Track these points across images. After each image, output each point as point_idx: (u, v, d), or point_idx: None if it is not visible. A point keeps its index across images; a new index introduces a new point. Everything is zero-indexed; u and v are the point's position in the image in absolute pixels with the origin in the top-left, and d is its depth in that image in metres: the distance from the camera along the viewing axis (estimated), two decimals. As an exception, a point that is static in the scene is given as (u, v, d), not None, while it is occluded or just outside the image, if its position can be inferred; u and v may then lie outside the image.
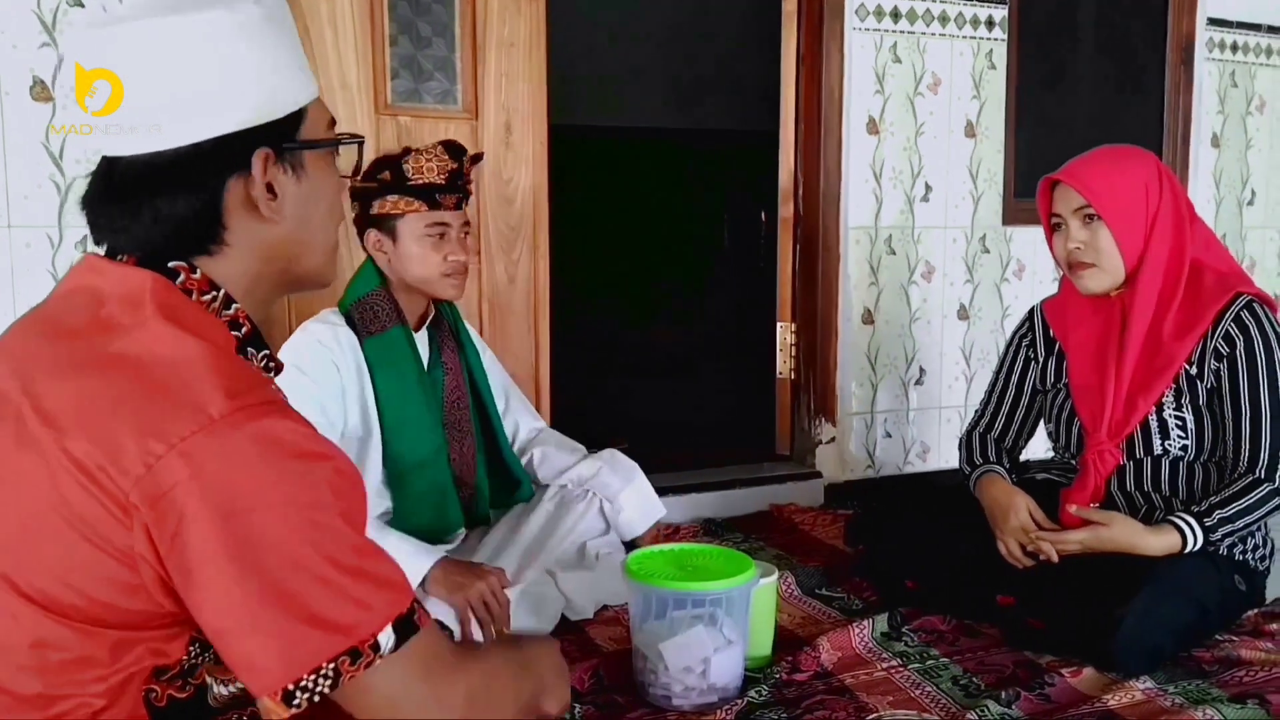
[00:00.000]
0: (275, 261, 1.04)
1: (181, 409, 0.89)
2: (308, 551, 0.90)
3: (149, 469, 0.87)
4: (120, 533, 0.89)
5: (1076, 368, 2.06)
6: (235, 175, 0.98)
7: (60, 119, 2.19)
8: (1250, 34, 3.58)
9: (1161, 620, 1.79)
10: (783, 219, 3.13)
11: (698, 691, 1.68)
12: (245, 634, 0.89)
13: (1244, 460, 1.89)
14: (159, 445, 0.87)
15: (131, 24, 0.95)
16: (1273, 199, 3.73)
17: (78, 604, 0.91)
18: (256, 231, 1.01)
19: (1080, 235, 1.96)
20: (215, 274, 1.00)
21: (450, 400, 2.10)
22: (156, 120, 0.96)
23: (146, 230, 0.98)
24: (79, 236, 2.23)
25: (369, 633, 0.91)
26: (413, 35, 2.57)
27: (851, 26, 2.98)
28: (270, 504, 0.89)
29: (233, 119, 0.97)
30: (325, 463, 0.94)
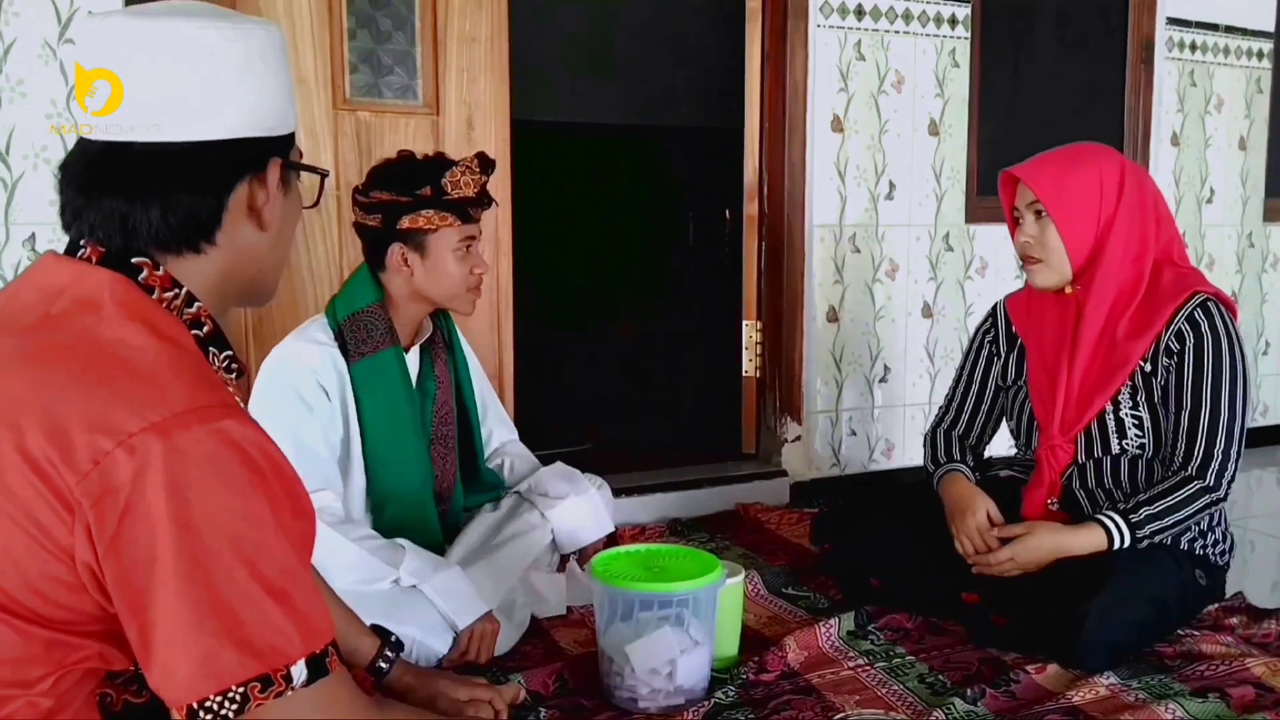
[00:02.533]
0: (247, 269, 1.06)
1: (132, 403, 0.88)
2: (241, 568, 0.89)
3: (95, 464, 0.86)
4: (61, 530, 0.88)
5: (1033, 364, 2.07)
6: (247, 178, 1.02)
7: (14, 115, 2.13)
8: (1209, 34, 3.63)
9: (1123, 617, 1.79)
10: (747, 217, 3.13)
11: (664, 693, 1.66)
12: (168, 640, 0.88)
13: (1179, 457, 1.90)
14: (107, 441, 0.86)
15: (171, 20, 0.98)
16: (1231, 197, 3.77)
17: (20, 599, 0.90)
18: (245, 236, 1.03)
19: (1031, 230, 1.97)
20: (180, 273, 1.00)
21: (439, 415, 2.05)
22: (183, 111, 0.97)
23: (143, 221, 0.97)
24: (27, 234, 2.17)
25: (283, 662, 0.91)
26: (372, 29, 2.54)
27: (816, 24, 2.97)
28: (212, 512, 0.88)
29: (257, 123, 1.01)
30: (275, 477, 0.93)
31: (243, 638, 0.89)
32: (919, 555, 2.06)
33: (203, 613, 0.88)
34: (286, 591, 0.91)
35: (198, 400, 0.90)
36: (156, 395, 0.89)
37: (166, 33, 0.97)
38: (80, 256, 0.98)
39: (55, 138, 2.17)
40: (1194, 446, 1.88)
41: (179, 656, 0.88)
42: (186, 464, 0.87)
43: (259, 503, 0.91)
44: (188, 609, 0.87)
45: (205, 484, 0.88)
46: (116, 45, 0.97)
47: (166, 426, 0.87)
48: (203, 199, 0.99)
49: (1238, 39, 3.68)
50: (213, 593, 0.88)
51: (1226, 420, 1.89)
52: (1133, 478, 1.97)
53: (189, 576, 0.87)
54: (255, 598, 0.90)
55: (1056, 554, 1.89)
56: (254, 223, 1.03)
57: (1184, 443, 1.89)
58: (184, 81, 0.97)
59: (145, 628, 0.88)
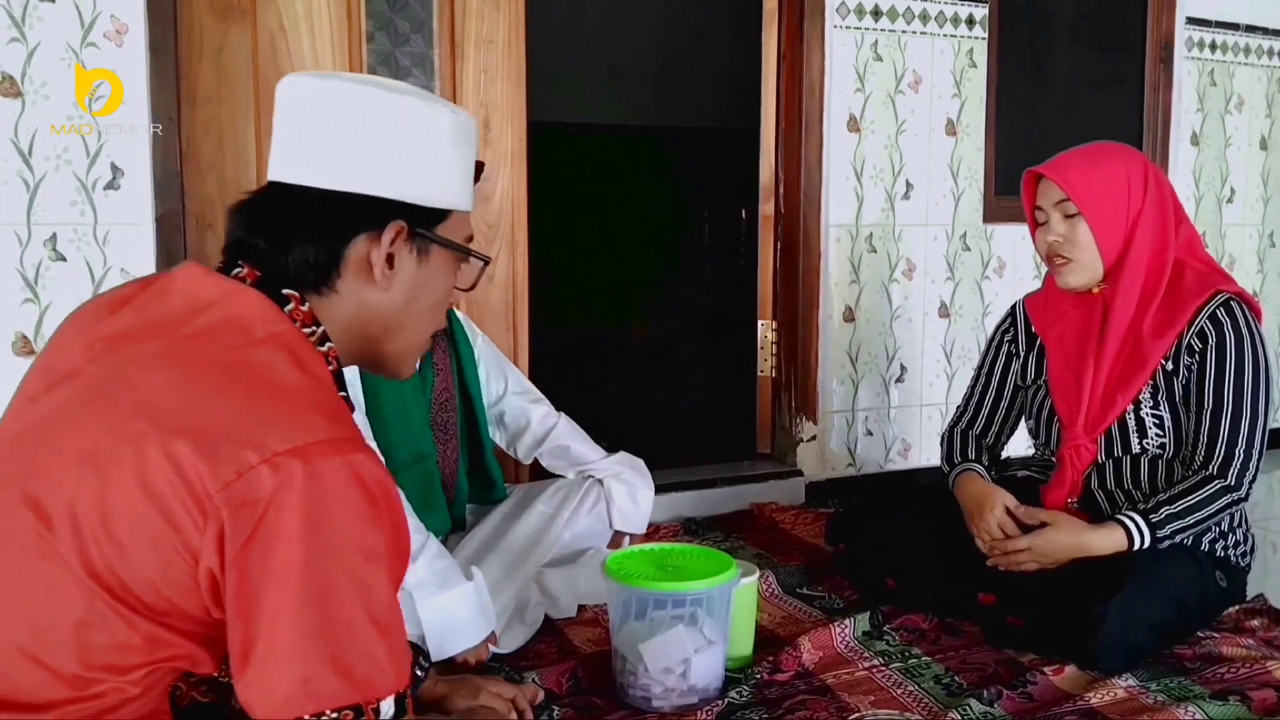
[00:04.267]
0: (369, 326, 1.10)
1: (278, 426, 0.92)
2: (357, 599, 0.93)
3: (239, 476, 0.89)
4: (192, 530, 0.91)
5: (1055, 363, 2.06)
6: (366, 233, 1.06)
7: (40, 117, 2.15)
8: (1229, 33, 3.60)
9: (1142, 618, 1.78)
10: (763, 217, 3.13)
11: (678, 692, 1.66)
12: (273, 655, 0.91)
13: (1200, 456, 1.89)
14: (253, 455, 0.90)
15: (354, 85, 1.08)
16: (1252, 197, 3.74)
17: (135, 590, 0.93)
18: (362, 293, 1.07)
19: (1060, 229, 1.95)
20: (319, 311, 1.06)
21: (439, 402, 2.08)
22: (326, 159, 1.05)
23: (274, 251, 1.04)
24: (48, 234, 2.20)
25: (376, 695, 0.94)
26: (390, 32, 2.55)
27: (832, 24, 2.97)
28: (339, 541, 0.92)
29: (386, 187, 1.06)
30: (391, 514, 0.96)
31: (345, 665, 0.92)
32: (935, 555, 2.06)
33: (313, 634, 0.91)
34: (389, 628, 0.95)
35: (335, 432, 0.94)
36: (301, 422, 0.93)
37: (359, 95, 1.06)
38: (235, 275, 1.04)
39: (76, 140, 2.19)
40: (1215, 446, 1.87)
41: (282, 672, 0.91)
42: (323, 490, 0.91)
43: (376, 538, 0.94)
44: (300, 628, 0.90)
45: (336, 512, 0.91)
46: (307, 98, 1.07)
47: (309, 452, 0.91)
48: (319, 245, 1.05)
49: (1258, 38, 3.65)
50: (326, 617, 0.91)
51: (1249, 420, 1.87)
52: (1153, 478, 1.95)
53: (308, 597, 0.90)
54: (363, 629, 0.93)
55: (1076, 552, 1.88)
56: (368, 279, 1.07)
57: (1205, 442, 1.88)
58: (337, 134, 1.05)
59: (250, 639, 0.91)
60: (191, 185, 2.39)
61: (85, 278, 2.23)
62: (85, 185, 2.22)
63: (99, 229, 2.24)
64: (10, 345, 2.19)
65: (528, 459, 2.37)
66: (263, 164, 2.46)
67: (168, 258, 2.31)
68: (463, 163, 1.13)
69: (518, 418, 2.31)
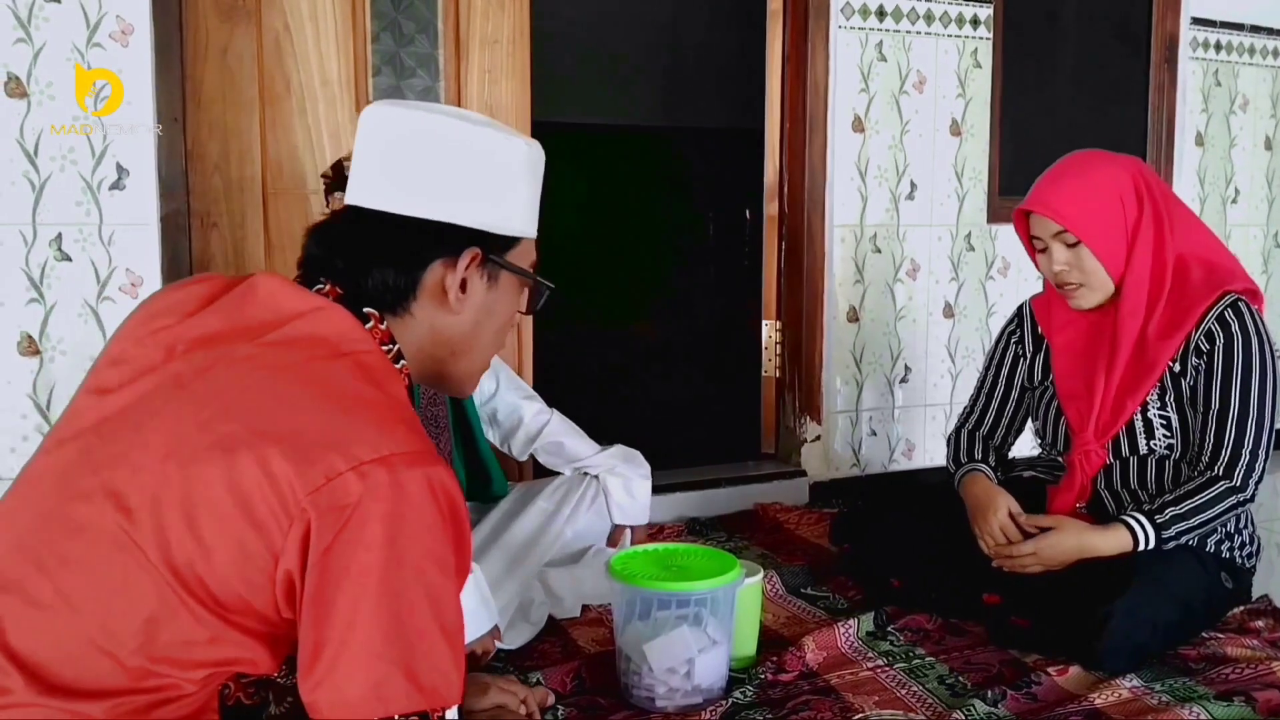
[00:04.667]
0: (440, 348, 1.14)
1: (365, 436, 0.95)
2: (430, 607, 0.95)
3: (328, 481, 0.92)
4: (276, 531, 0.93)
5: (1062, 368, 2.05)
6: (442, 259, 1.11)
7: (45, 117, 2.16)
8: (1234, 33, 3.60)
9: (1146, 618, 1.78)
10: (768, 217, 3.13)
11: (682, 693, 1.66)
12: (346, 657, 0.93)
13: (1206, 457, 1.89)
14: (341, 462, 0.93)
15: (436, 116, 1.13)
16: (1256, 197, 3.74)
17: (210, 587, 0.95)
18: (436, 316, 1.12)
19: (1064, 258, 1.93)
20: (395, 331, 1.11)
21: (426, 396, 2.08)
22: (409, 187, 1.09)
23: (355, 274, 1.09)
24: (54, 234, 2.20)
25: (443, 704, 0.96)
26: (395, 32, 2.55)
27: (837, 25, 2.97)
28: (417, 550, 0.94)
29: (464, 215, 1.10)
30: (460, 528, 0.99)
31: (416, 672, 0.94)
32: (939, 556, 2.06)
33: (389, 640, 0.93)
34: (456, 640, 0.98)
35: (416, 445, 0.97)
36: (385, 434, 0.96)
37: (430, 122, 1.11)
38: (318, 290, 1.09)
39: (82, 140, 2.20)
40: (1222, 446, 1.87)
41: (355, 675, 0.92)
42: (405, 500, 0.93)
43: (448, 551, 0.97)
44: (377, 633, 0.92)
45: (416, 522, 0.94)
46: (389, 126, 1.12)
47: (394, 462, 0.94)
48: (398, 269, 1.09)
49: (1263, 38, 3.64)
50: (401, 624, 0.93)
51: (1255, 421, 1.87)
52: (1159, 479, 1.95)
53: (385, 602, 0.93)
54: (434, 638, 0.95)
55: (1081, 554, 1.87)
56: (442, 304, 1.11)
57: (1211, 443, 1.88)
58: (417, 163, 1.09)
59: (324, 639, 0.93)
60: (196, 185, 2.39)
61: (90, 278, 2.24)
62: (90, 185, 2.22)
63: (104, 229, 2.24)
64: (16, 345, 2.20)
65: (523, 456, 2.37)
66: (268, 164, 2.47)
67: (173, 258, 2.32)
68: (532, 191, 1.18)
69: (510, 415, 2.32)
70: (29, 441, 2.21)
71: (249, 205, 2.46)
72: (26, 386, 2.21)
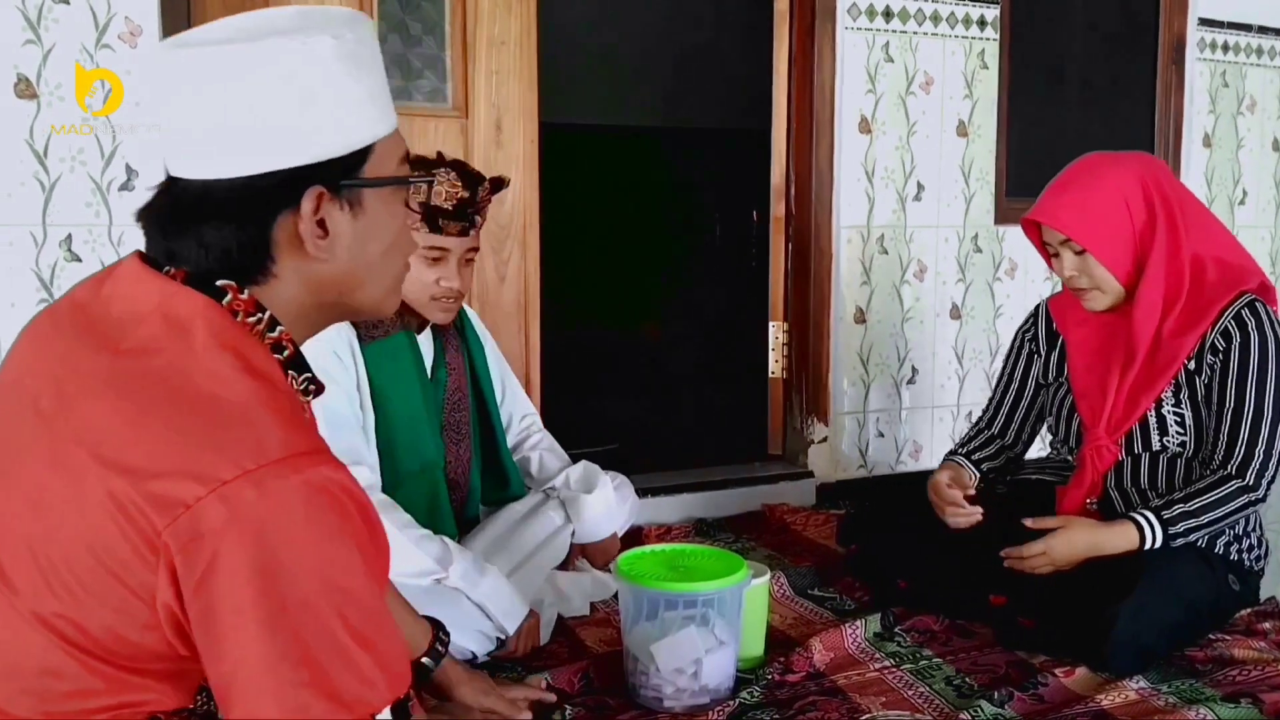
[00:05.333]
0: (326, 294, 1.01)
1: (226, 449, 0.86)
2: (332, 618, 0.87)
3: (186, 509, 0.84)
4: (144, 570, 0.86)
5: (1077, 365, 2.06)
6: (285, 211, 0.95)
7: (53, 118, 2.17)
8: (1241, 34, 3.59)
9: (1154, 619, 1.78)
10: (774, 218, 3.13)
11: (689, 693, 1.67)
12: (253, 690, 0.86)
13: (1219, 456, 1.89)
14: (199, 487, 0.84)
15: (206, 49, 0.93)
16: (1264, 198, 3.73)
17: (91, 633, 0.90)
18: (305, 267, 0.98)
19: (1073, 265, 1.96)
20: (262, 297, 0.97)
21: (451, 402, 2.06)
22: (208, 149, 0.93)
23: (194, 253, 0.95)
24: (63, 235, 2.21)
25: (370, 710, 0.89)
26: (402, 33, 2.56)
27: (844, 26, 2.97)
28: (305, 564, 0.86)
29: (290, 157, 0.94)
30: (362, 520, 0.91)
31: (333, 690, 0.87)
32: (945, 557, 2.06)
33: (292, 663, 0.86)
34: (374, 641, 0.90)
35: (292, 446, 0.88)
36: (251, 441, 0.87)
37: (238, 59, 0.92)
38: (166, 272, 0.96)
39: (91, 141, 2.21)
40: (1235, 446, 1.87)
41: (268, 706, 0.86)
42: (279, 513, 0.85)
43: (349, 549, 0.89)
44: (277, 659, 0.85)
45: (297, 533, 0.86)
46: (187, 68, 0.94)
47: (261, 475, 0.85)
48: (234, 235, 0.95)
49: (1271, 39, 3.64)
50: (303, 645, 0.86)
51: (1270, 421, 1.87)
52: (1170, 477, 1.95)
53: (278, 628, 0.85)
54: (345, 649, 0.88)
55: (1091, 551, 1.87)
56: (304, 254, 0.97)
57: (1225, 442, 1.88)
58: (214, 116, 0.93)
59: (229, 675, 0.87)
60: (205, 186, 2.40)
61: (100, 278, 2.25)
62: (100, 186, 2.24)
63: (114, 230, 2.25)
64: (26, 345, 2.21)
65: None
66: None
67: (182, 258, 2.33)
68: (364, 86, 0.97)
69: None
70: (39, 441, 2.22)
71: (257, 206, 2.47)
72: (36, 387, 2.22)
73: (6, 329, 2.19)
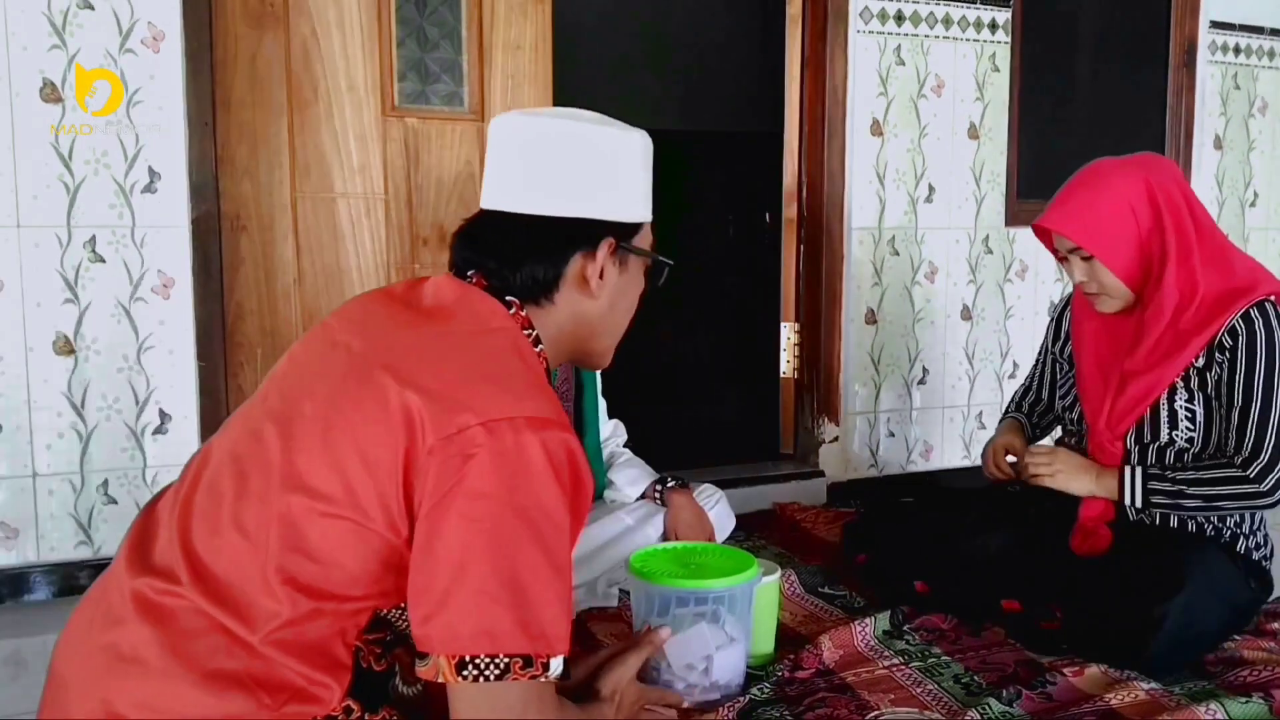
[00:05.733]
0: (580, 329, 1.25)
1: (498, 398, 1.05)
2: (542, 560, 1.03)
3: (459, 431, 1.02)
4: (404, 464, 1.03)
5: (1085, 360, 2.07)
6: (581, 252, 1.22)
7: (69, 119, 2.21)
8: (1253, 36, 3.59)
9: (1200, 618, 1.79)
10: (787, 220, 3.15)
11: (700, 689, 1.69)
12: (461, 596, 1.01)
13: (1228, 452, 1.90)
14: (472, 417, 1.02)
15: (558, 120, 1.23)
16: (1275, 201, 3.73)
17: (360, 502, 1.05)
18: (577, 301, 1.23)
19: (1081, 271, 1.98)
20: (534, 319, 1.21)
21: (560, 391, 2.18)
22: (538, 191, 1.20)
23: (503, 270, 1.20)
24: (88, 236, 2.25)
25: (549, 651, 1.04)
26: (419, 38, 2.59)
27: (856, 29, 2.99)
28: (533, 504, 1.03)
29: (597, 208, 1.22)
30: (580, 489, 1.08)
31: (526, 618, 1.02)
32: (956, 566, 2.07)
33: (502, 582, 1.01)
34: (565, 595, 1.06)
35: (544, 412, 1.06)
36: (517, 398, 1.06)
37: (565, 129, 1.21)
38: (468, 279, 1.21)
39: (115, 144, 2.25)
40: (1243, 442, 1.88)
41: (468, 611, 1.01)
42: (525, 457, 1.03)
43: (564, 511, 1.06)
44: (491, 574, 1.01)
45: (535, 479, 1.03)
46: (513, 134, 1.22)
47: (520, 423, 1.03)
48: (545, 264, 1.20)
49: (1283, 41, 3.64)
50: (515, 570, 1.01)
51: (1277, 418, 1.88)
52: None
53: (500, 546, 1.01)
54: (545, 589, 1.03)
55: (1087, 470, 1.96)
56: (584, 291, 1.22)
57: (1234, 438, 1.88)
58: (550, 166, 1.20)
59: (436, 576, 1.02)
60: (226, 188, 2.44)
61: (124, 279, 2.29)
62: (123, 188, 2.27)
63: (137, 231, 2.29)
64: (51, 345, 2.25)
65: None
66: (296, 167, 2.52)
67: (203, 259, 2.37)
68: (648, 178, 1.29)
69: None
70: (64, 439, 2.27)
71: (278, 208, 2.51)
72: (61, 385, 2.26)
73: (32, 329, 2.23)
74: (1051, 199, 2.02)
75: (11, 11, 2.16)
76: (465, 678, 1.01)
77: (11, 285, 2.21)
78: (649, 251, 1.30)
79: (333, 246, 2.56)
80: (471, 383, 1.06)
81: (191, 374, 2.36)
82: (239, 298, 2.49)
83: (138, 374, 2.32)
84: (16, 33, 2.16)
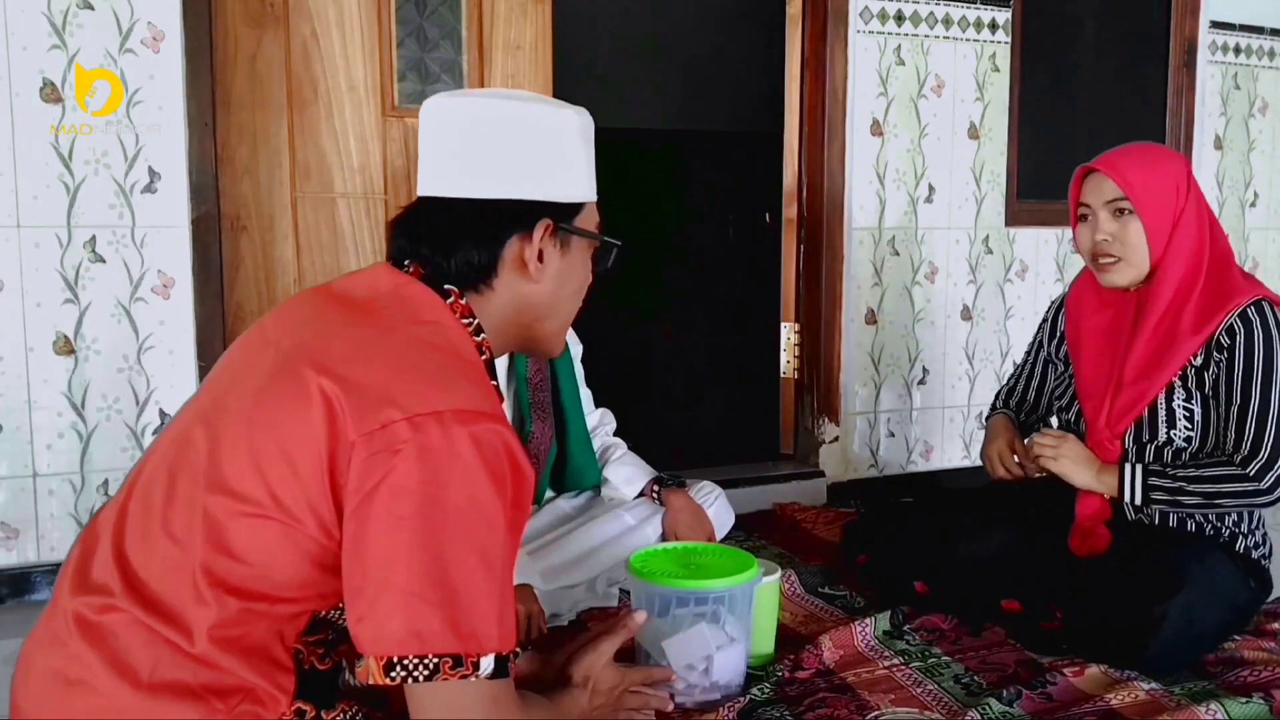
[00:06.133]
0: (523, 315, 1.21)
1: (424, 392, 1.02)
2: (473, 556, 1.01)
3: (383, 428, 1.00)
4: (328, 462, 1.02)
5: (1082, 359, 2.07)
6: (517, 234, 1.18)
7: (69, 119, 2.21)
8: (1253, 36, 3.59)
9: (1201, 619, 1.79)
10: (787, 220, 3.15)
11: (700, 689, 1.69)
12: (389, 596, 0.99)
13: (1228, 447, 1.90)
14: (397, 413, 1.00)
15: (487, 99, 1.19)
16: (1275, 200, 3.73)
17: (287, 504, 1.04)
18: (518, 285, 1.19)
19: (1109, 227, 1.95)
20: (475, 306, 1.18)
21: (534, 383, 2.17)
22: (469, 174, 1.17)
23: (436, 258, 1.17)
24: (88, 236, 2.25)
25: (479, 650, 1.01)
26: (419, 38, 2.59)
27: (856, 30, 2.99)
28: (462, 502, 1.00)
29: (531, 191, 1.18)
30: (519, 482, 1.05)
31: (455, 617, 0.99)
32: (958, 562, 2.07)
33: (429, 582, 0.99)
34: (500, 593, 1.03)
35: (475, 404, 1.03)
36: (445, 392, 1.03)
37: (494, 109, 1.17)
38: (405, 270, 1.17)
39: (115, 144, 2.25)
40: (1242, 441, 1.88)
41: (397, 612, 0.98)
42: (452, 452, 1.00)
43: (498, 507, 1.03)
44: (418, 573, 0.98)
45: (462, 473, 1.00)
46: (441, 116, 1.19)
47: (446, 418, 1.00)
48: (480, 248, 1.16)
49: (1283, 41, 3.64)
50: (442, 568, 0.99)
51: (1276, 416, 1.88)
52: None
53: (427, 545, 0.99)
54: (476, 586, 1.01)
55: (1090, 464, 1.95)
56: (523, 275, 1.18)
57: (1233, 438, 1.89)
58: (483, 148, 1.16)
59: (365, 577, 1.00)
60: (226, 188, 2.44)
61: (124, 279, 2.29)
62: (123, 188, 2.27)
63: (137, 231, 2.29)
64: (51, 345, 2.25)
65: None
66: (296, 167, 2.52)
67: (203, 260, 2.37)
68: (588, 156, 1.25)
69: None
70: (64, 439, 2.27)
71: (278, 208, 2.51)
72: (62, 385, 2.26)
73: (33, 328, 2.23)
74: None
75: (11, 11, 2.16)
76: (393, 679, 0.99)
77: (11, 285, 2.21)
78: (591, 232, 1.26)
79: (333, 247, 2.57)
80: (398, 377, 1.04)
81: (191, 374, 2.36)
82: (239, 298, 2.49)
83: (138, 374, 2.32)
84: (16, 33, 2.17)
